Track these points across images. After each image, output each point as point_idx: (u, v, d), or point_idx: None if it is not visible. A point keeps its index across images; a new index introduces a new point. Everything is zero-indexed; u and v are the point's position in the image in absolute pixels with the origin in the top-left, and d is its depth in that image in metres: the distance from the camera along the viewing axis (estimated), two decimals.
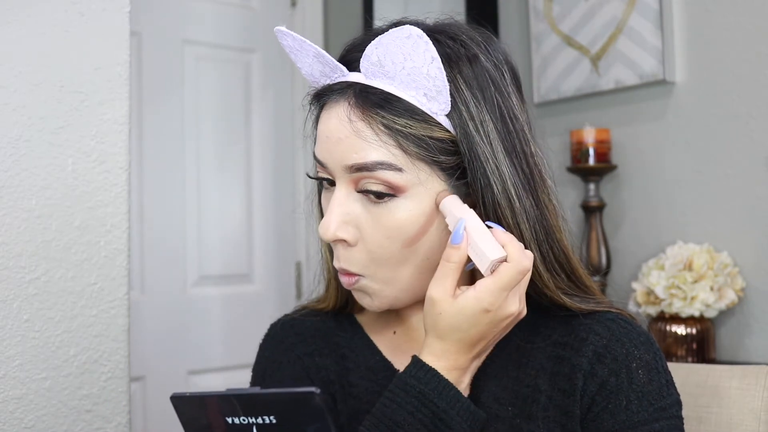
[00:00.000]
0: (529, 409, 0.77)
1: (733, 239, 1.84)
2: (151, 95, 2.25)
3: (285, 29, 0.79)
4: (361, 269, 0.78)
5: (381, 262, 0.77)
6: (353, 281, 0.79)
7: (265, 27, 2.50)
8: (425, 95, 0.75)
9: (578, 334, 0.79)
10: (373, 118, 0.74)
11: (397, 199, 0.75)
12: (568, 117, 2.18)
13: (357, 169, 0.75)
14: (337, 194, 0.77)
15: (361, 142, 0.75)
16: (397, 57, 0.74)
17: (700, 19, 1.91)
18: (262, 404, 0.63)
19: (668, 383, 0.78)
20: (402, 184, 0.75)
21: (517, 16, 2.34)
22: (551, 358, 0.79)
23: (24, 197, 1.22)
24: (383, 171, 0.74)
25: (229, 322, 2.38)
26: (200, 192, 2.34)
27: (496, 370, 0.80)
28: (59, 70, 1.26)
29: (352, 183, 0.76)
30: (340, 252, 0.78)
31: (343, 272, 0.79)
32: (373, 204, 0.76)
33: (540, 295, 0.81)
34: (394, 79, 0.75)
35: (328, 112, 0.78)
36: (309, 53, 0.79)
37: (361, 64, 0.76)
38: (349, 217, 0.77)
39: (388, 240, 0.76)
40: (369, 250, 0.77)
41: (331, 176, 0.78)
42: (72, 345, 1.26)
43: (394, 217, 0.75)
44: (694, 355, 1.78)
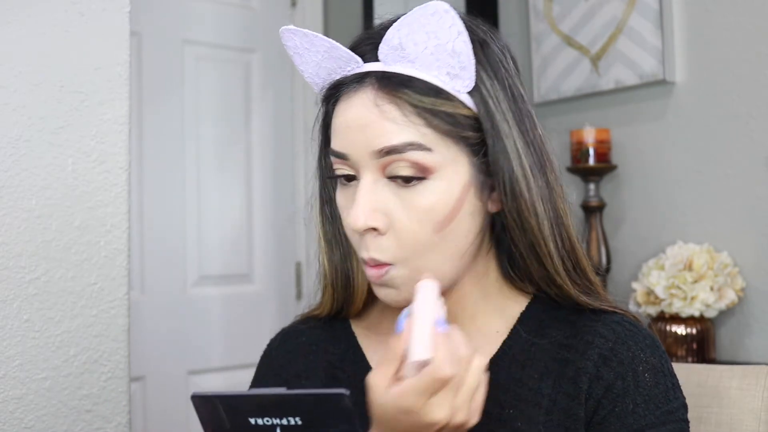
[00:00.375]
0: (530, 412, 0.77)
1: (733, 239, 1.84)
2: (151, 95, 2.25)
3: (293, 27, 0.78)
4: (391, 257, 0.75)
5: (412, 248, 0.75)
6: (382, 272, 0.76)
7: (265, 27, 2.50)
8: (448, 74, 0.75)
9: (583, 336, 0.78)
10: (400, 98, 0.74)
11: (426, 182, 0.74)
12: (568, 117, 2.18)
13: (386, 152, 0.74)
14: (364, 183, 0.75)
15: (389, 125, 0.74)
16: (420, 37, 0.73)
17: (700, 19, 1.91)
18: (287, 405, 0.61)
19: (674, 386, 0.77)
20: (431, 164, 0.74)
21: (517, 16, 2.34)
22: (556, 360, 0.78)
23: (24, 197, 1.22)
24: (413, 152, 0.73)
25: (229, 322, 2.38)
26: (200, 192, 2.34)
27: (498, 373, 0.79)
28: (59, 70, 1.26)
29: (379, 170, 0.75)
30: (369, 242, 0.76)
31: (372, 263, 0.76)
32: (403, 188, 0.75)
33: (549, 284, 0.80)
34: (415, 62, 0.75)
35: (346, 103, 0.77)
36: (320, 49, 0.78)
37: (380, 50, 0.75)
38: (378, 204, 0.75)
39: (420, 224, 0.74)
40: (400, 237, 0.75)
41: (352, 169, 0.76)
42: (72, 345, 1.26)
43: (424, 200, 0.74)
44: (694, 355, 1.78)
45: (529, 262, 0.79)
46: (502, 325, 0.83)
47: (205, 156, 2.36)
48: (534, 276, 0.80)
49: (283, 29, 0.79)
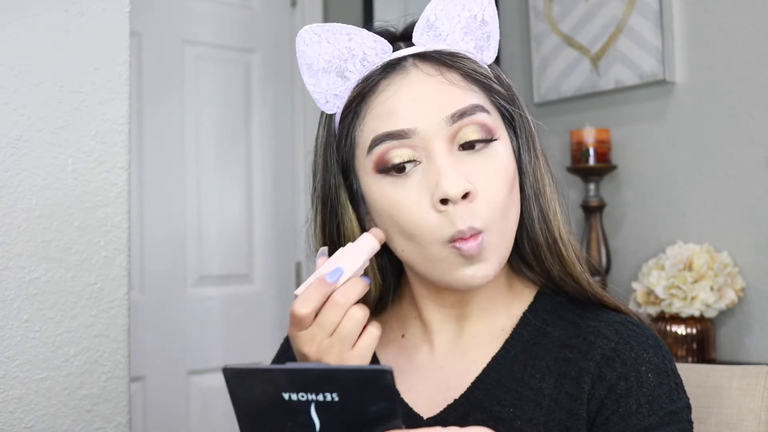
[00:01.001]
0: (531, 411, 0.77)
1: (733, 239, 1.84)
2: (151, 95, 2.25)
3: (313, 25, 0.79)
4: (484, 223, 0.75)
5: (498, 211, 0.76)
6: (479, 241, 0.74)
7: (265, 27, 2.50)
8: (476, 47, 0.80)
9: (586, 337, 0.78)
10: (456, 66, 0.77)
11: (493, 143, 0.77)
12: (568, 117, 2.17)
13: (460, 115, 0.75)
14: (440, 154, 0.75)
15: (456, 89, 0.76)
16: (454, 9, 0.78)
17: (700, 19, 1.91)
18: (324, 381, 0.59)
19: (678, 386, 0.77)
20: (494, 126, 0.77)
21: (517, 16, 2.34)
22: (558, 360, 0.78)
23: (24, 197, 1.22)
24: (480, 113, 0.77)
25: (229, 322, 2.38)
26: (200, 192, 2.34)
27: (500, 371, 0.80)
28: (59, 70, 1.26)
29: (450, 139, 0.76)
30: (462, 212, 0.74)
31: (471, 232, 0.74)
32: (474, 154, 0.76)
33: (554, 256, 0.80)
34: (447, 39, 0.79)
35: (396, 85, 0.77)
36: (341, 43, 0.78)
37: (415, 31, 0.79)
38: (460, 171, 0.75)
39: (499, 185, 0.76)
40: (487, 201, 0.75)
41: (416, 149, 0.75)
42: (72, 345, 1.26)
43: (498, 160, 0.77)
44: (694, 355, 1.78)
45: (540, 231, 0.80)
46: (507, 323, 0.83)
47: (205, 156, 2.36)
48: (542, 249, 0.81)
49: (301, 30, 0.79)
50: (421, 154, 0.75)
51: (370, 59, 0.78)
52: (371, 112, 0.77)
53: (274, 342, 2.38)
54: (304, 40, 0.78)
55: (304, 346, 0.72)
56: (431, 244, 0.75)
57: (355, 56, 0.78)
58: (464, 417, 0.79)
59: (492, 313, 0.83)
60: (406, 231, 0.76)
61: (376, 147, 0.76)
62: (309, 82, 0.80)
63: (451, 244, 0.74)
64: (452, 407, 0.80)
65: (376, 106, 0.77)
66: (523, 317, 0.83)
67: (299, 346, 0.73)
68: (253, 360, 2.40)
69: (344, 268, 0.73)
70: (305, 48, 0.79)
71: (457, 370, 0.82)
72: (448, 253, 0.75)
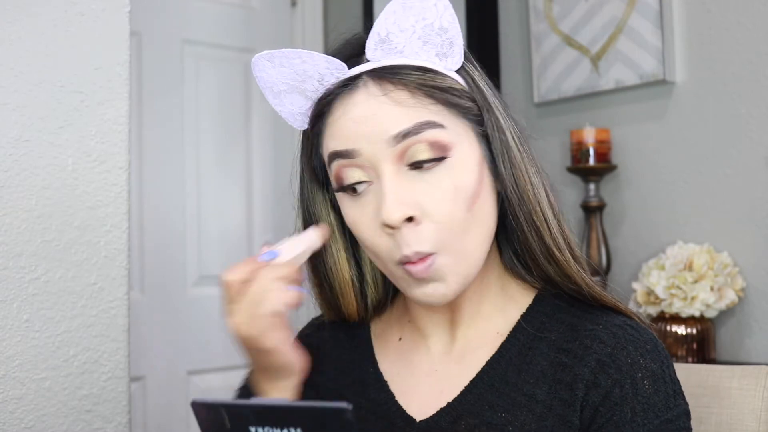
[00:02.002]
0: (523, 417, 0.76)
1: (733, 239, 1.84)
2: (151, 95, 2.25)
3: (266, 52, 0.77)
4: (433, 246, 0.73)
5: (450, 231, 0.74)
6: (429, 263, 0.74)
7: (265, 27, 2.50)
8: (437, 55, 0.76)
9: (582, 341, 0.77)
10: (404, 81, 0.74)
11: (447, 161, 0.74)
12: (568, 117, 2.17)
13: (403, 136, 0.73)
14: (386, 175, 0.74)
15: (400, 109, 0.74)
16: (407, 21, 0.74)
17: (700, 19, 1.91)
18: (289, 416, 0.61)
19: (675, 393, 0.75)
20: (448, 141, 0.74)
21: (517, 16, 2.34)
22: (553, 364, 0.77)
23: (24, 197, 1.22)
24: (429, 130, 0.73)
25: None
26: (200, 192, 2.34)
27: (494, 376, 0.79)
28: (59, 70, 1.26)
29: (397, 159, 0.74)
30: (407, 236, 0.73)
31: (416, 257, 0.73)
32: (426, 173, 0.74)
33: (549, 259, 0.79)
34: (404, 51, 0.75)
35: (345, 105, 0.76)
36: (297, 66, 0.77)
37: (367, 48, 0.76)
38: (406, 193, 0.73)
39: (452, 203, 0.74)
40: (437, 222, 0.74)
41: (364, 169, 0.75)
42: (72, 345, 1.26)
43: (450, 179, 0.74)
44: (694, 355, 1.77)
45: (531, 237, 0.78)
46: (503, 325, 0.82)
47: (205, 156, 2.36)
48: (535, 254, 0.79)
49: (255, 58, 0.78)
50: (371, 174, 0.75)
51: (326, 79, 0.77)
52: (327, 131, 0.78)
53: None
54: (258, 66, 0.78)
55: (228, 317, 0.76)
56: (387, 263, 0.77)
57: (311, 77, 0.77)
58: (456, 421, 0.78)
59: (486, 317, 0.83)
60: (367, 247, 0.78)
61: (331, 164, 0.77)
62: (273, 102, 0.81)
63: (402, 266, 0.75)
64: (444, 411, 0.79)
65: (330, 124, 0.77)
66: (520, 320, 0.81)
67: (226, 318, 0.77)
68: None
69: (280, 252, 0.78)
70: (261, 74, 0.79)
71: (451, 373, 0.82)
72: (402, 273, 0.76)
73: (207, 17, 2.38)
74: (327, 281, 0.86)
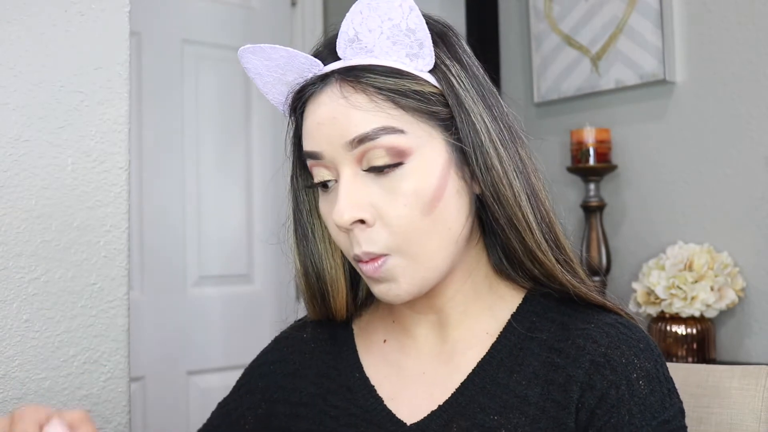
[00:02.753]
0: (515, 419, 0.75)
1: (733, 239, 1.84)
2: (150, 95, 2.25)
3: (249, 45, 0.79)
4: (384, 247, 0.74)
5: (404, 235, 0.74)
6: (379, 264, 0.75)
7: (265, 27, 2.50)
8: (407, 55, 0.75)
9: (575, 340, 0.76)
10: (365, 85, 0.74)
11: (405, 166, 0.74)
12: (568, 117, 2.17)
13: (359, 141, 0.73)
14: (343, 178, 0.75)
15: (358, 113, 0.74)
16: (374, 22, 0.74)
17: (700, 19, 1.91)
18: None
19: (670, 392, 0.75)
20: (406, 147, 0.74)
21: (517, 16, 2.34)
22: (545, 365, 0.76)
23: (24, 197, 1.22)
24: (386, 136, 0.73)
25: (229, 322, 2.38)
26: (200, 192, 2.34)
27: (485, 378, 0.78)
28: (59, 70, 1.26)
29: (356, 162, 0.74)
30: (358, 236, 0.74)
31: (366, 257, 0.75)
32: (383, 177, 0.74)
33: (533, 261, 0.78)
34: (374, 50, 0.75)
35: (314, 104, 0.77)
36: (279, 62, 0.78)
37: (338, 46, 0.76)
38: (361, 197, 0.74)
39: (407, 208, 0.74)
40: (390, 225, 0.74)
41: (329, 169, 0.76)
42: (72, 345, 1.26)
43: (407, 184, 0.74)
44: (694, 355, 1.77)
45: (512, 239, 0.78)
46: (492, 326, 0.81)
47: (205, 156, 2.36)
48: (519, 255, 0.79)
49: (240, 50, 0.80)
50: (335, 174, 0.76)
51: (304, 74, 0.78)
52: (303, 127, 0.79)
53: None
54: (243, 57, 0.80)
55: None
56: (350, 259, 0.78)
57: (293, 69, 0.78)
58: (447, 424, 0.77)
59: (474, 317, 0.82)
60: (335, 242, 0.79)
61: (307, 161, 0.79)
62: (263, 90, 0.81)
63: (357, 263, 0.77)
64: (435, 414, 0.78)
65: (304, 121, 0.78)
66: (510, 320, 0.81)
67: None
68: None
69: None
70: (248, 65, 0.81)
71: (441, 375, 0.81)
72: (359, 269, 0.78)
73: (207, 17, 2.38)
74: (315, 269, 0.86)
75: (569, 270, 0.80)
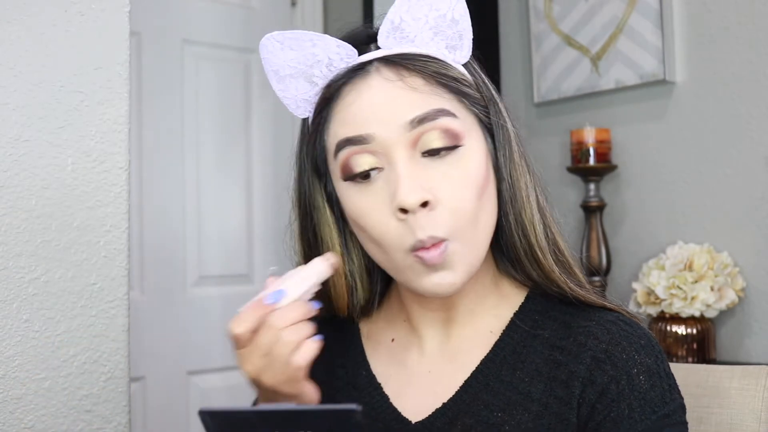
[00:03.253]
0: (519, 416, 0.76)
1: (733, 239, 1.84)
2: (150, 95, 2.25)
3: (276, 33, 0.77)
4: (447, 231, 0.73)
5: (463, 218, 0.74)
6: (441, 249, 0.73)
7: (265, 27, 2.49)
8: (447, 47, 0.77)
9: (576, 337, 0.77)
10: (418, 69, 0.75)
11: (459, 149, 0.75)
12: (568, 117, 2.17)
13: (419, 121, 0.73)
14: (400, 160, 0.73)
15: (417, 94, 0.74)
16: (421, 11, 0.75)
17: (700, 19, 1.91)
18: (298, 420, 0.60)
19: (671, 388, 0.75)
20: (460, 130, 0.75)
21: (517, 16, 2.34)
22: (548, 362, 0.77)
23: (24, 197, 1.22)
24: (443, 118, 0.74)
25: (229, 322, 2.38)
26: (200, 192, 2.34)
27: (488, 376, 0.79)
28: (59, 70, 1.26)
29: (410, 145, 0.74)
30: (422, 220, 0.73)
31: (431, 242, 0.73)
32: (439, 160, 0.74)
33: (532, 263, 0.79)
34: (415, 41, 0.76)
35: (358, 90, 0.75)
36: (306, 49, 0.76)
37: (380, 35, 0.76)
38: (420, 178, 0.73)
39: (466, 190, 0.74)
40: (450, 208, 0.73)
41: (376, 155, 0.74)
42: (72, 345, 1.26)
43: (463, 167, 0.75)
44: (694, 355, 1.78)
45: (517, 237, 0.79)
46: (496, 324, 0.82)
47: (205, 156, 2.36)
48: (520, 254, 0.79)
49: (264, 39, 0.77)
50: (383, 161, 0.75)
51: (335, 64, 0.77)
52: (335, 117, 0.77)
53: None
54: (267, 48, 0.78)
55: (241, 364, 0.73)
56: (396, 252, 0.75)
57: (320, 62, 0.77)
58: (452, 421, 0.78)
59: (480, 316, 0.82)
60: (373, 238, 0.76)
61: (339, 152, 0.76)
62: (277, 87, 0.80)
63: (413, 253, 0.74)
64: (440, 411, 0.79)
65: (340, 110, 0.76)
66: (513, 319, 0.81)
67: (238, 364, 0.73)
68: None
69: (287, 291, 0.73)
70: (269, 56, 0.78)
71: (445, 373, 0.81)
72: (412, 261, 0.75)
73: (207, 17, 2.38)
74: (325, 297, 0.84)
75: (566, 272, 0.80)
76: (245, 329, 0.71)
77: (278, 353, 0.71)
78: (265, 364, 0.71)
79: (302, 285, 0.74)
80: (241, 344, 0.72)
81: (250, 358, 0.72)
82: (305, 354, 0.71)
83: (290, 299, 0.73)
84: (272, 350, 0.71)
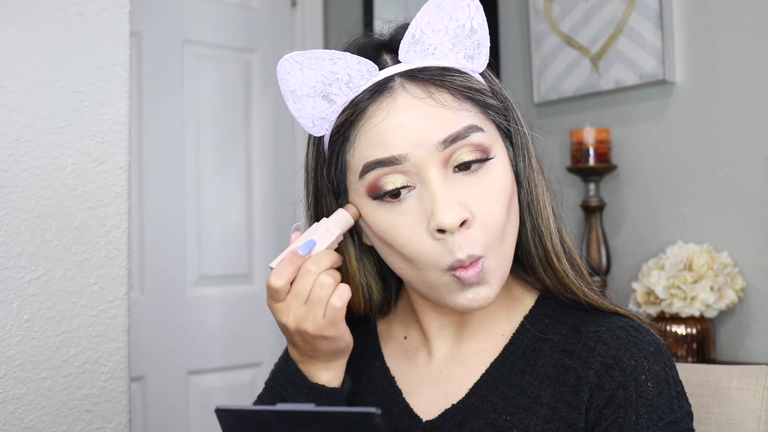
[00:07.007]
0: (527, 420, 0.76)
1: (733, 239, 1.84)
2: (151, 95, 2.25)
3: (295, 53, 0.75)
4: (482, 248, 0.73)
5: (496, 232, 0.74)
6: (478, 269, 0.73)
7: (265, 27, 2.50)
8: (465, 56, 0.77)
9: (586, 342, 0.77)
10: (446, 85, 0.74)
11: (488, 162, 0.75)
12: (568, 117, 2.17)
13: (452, 140, 0.73)
14: (434, 180, 0.73)
15: (447, 112, 0.74)
16: (440, 22, 0.75)
17: (700, 19, 1.91)
18: (316, 421, 0.60)
19: (679, 395, 0.75)
20: (489, 143, 0.75)
21: (517, 16, 2.34)
22: (557, 367, 0.77)
23: (24, 197, 1.22)
24: (474, 134, 0.74)
25: (229, 322, 2.38)
26: (200, 192, 2.34)
27: (498, 379, 0.79)
28: (59, 70, 1.26)
29: (443, 163, 0.73)
30: (460, 239, 0.72)
31: (470, 260, 0.72)
32: (471, 175, 0.74)
33: (546, 267, 0.79)
34: (435, 53, 0.75)
35: (385, 109, 0.74)
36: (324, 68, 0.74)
37: (401, 49, 0.75)
38: (455, 195, 0.73)
39: (497, 204, 0.74)
40: (484, 223, 0.73)
41: (408, 174, 0.73)
42: (72, 345, 1.26)
43: (495, 178, 0.75)
44: (694, 355, 1.78)
45: (532, 243, 0.79)
46: (507, 328, 0.82)
47: (205, 156, 2.36)
48: (534, 261, 0.80)
49: (282, 60, 0.76)
50: (414, 180, 0.74)
51: (355, 81, 0.75)
52: (361, 137, 0.75)
53: (273, 342, 2.38)
54: (285, 68, 0.76)
55: (281, 317, 0.75)
56: (430, 270, 0.74)
57: (339, 79, 0.75)
58: (461, 424, 0.78)
59: (492, 319, 0.83)
60: (405, 255, 0.75)
61: (367, 173, 0.74)
62: (294, 108, 0.78)
63: (450, 272, 0.73)
64: (449, 413, 0.79)
65: (366, 131, 0.74)
66: (523, 322, 0.82)
67: (277, 317, 0.76)
68: (254, 360, 2.40)
69: (317, 240, 0.77)
70: (287, 76, 0.76)
71: (455, 376, 0.82)
72: (448, 279, 0.74)
73: (207, 17, 2.38)
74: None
75: (579, 276, 0.80)
76: (286, 280, 0.74)
77: (319, 296, 0.74)
78: (307, 310, 0.74)
79: (330, 235, 0.77)
80: (280, 297, 0.75)
81: (290, 308, 0.75)
82: (343, 294, 0.74)
83: (320, 249, 0.76)
84: (312, 295, 0.74)
